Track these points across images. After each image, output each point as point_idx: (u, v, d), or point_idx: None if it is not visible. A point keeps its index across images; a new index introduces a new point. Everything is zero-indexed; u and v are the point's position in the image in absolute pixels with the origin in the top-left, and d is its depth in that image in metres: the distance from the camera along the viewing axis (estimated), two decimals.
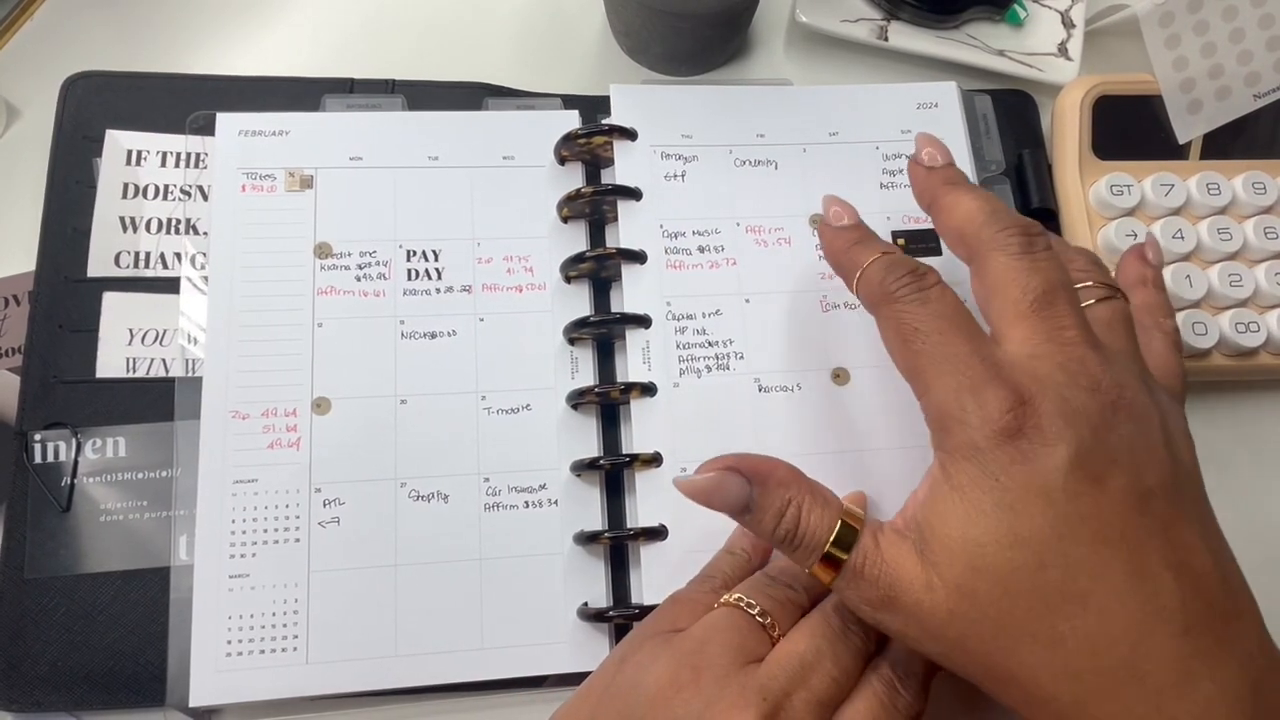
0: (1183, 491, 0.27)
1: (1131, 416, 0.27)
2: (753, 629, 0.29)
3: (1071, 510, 0.26)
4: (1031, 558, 0.26)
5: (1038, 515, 0.26)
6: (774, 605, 0.30)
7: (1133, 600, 0.25)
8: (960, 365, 0.27)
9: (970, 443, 0.26)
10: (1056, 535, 0.26)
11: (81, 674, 0.36)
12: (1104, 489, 0.26)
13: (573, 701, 0.31)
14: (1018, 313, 0.28)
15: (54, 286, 0.40)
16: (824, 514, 0.28)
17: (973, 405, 0.26)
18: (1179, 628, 0.25)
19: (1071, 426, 0.26)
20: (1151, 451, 0.27)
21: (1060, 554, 0.26)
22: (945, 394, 0.27)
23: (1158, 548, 0.26)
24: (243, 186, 0.40)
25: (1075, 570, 0.25)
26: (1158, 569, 0.26)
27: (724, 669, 0.28)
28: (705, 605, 0.31)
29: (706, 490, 0.29)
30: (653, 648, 0.30)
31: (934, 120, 0.44)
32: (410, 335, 0.39)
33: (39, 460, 0.38)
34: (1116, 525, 0.26)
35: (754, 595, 0.30)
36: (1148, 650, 0.25)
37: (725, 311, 0.39)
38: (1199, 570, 0.26)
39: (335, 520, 0.37)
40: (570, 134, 0.41)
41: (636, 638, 0.31)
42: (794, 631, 0.29)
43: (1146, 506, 0.26)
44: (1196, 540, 0.27)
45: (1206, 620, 0.26)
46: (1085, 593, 0.25)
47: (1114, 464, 0.26)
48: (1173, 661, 0.25)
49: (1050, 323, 0.28)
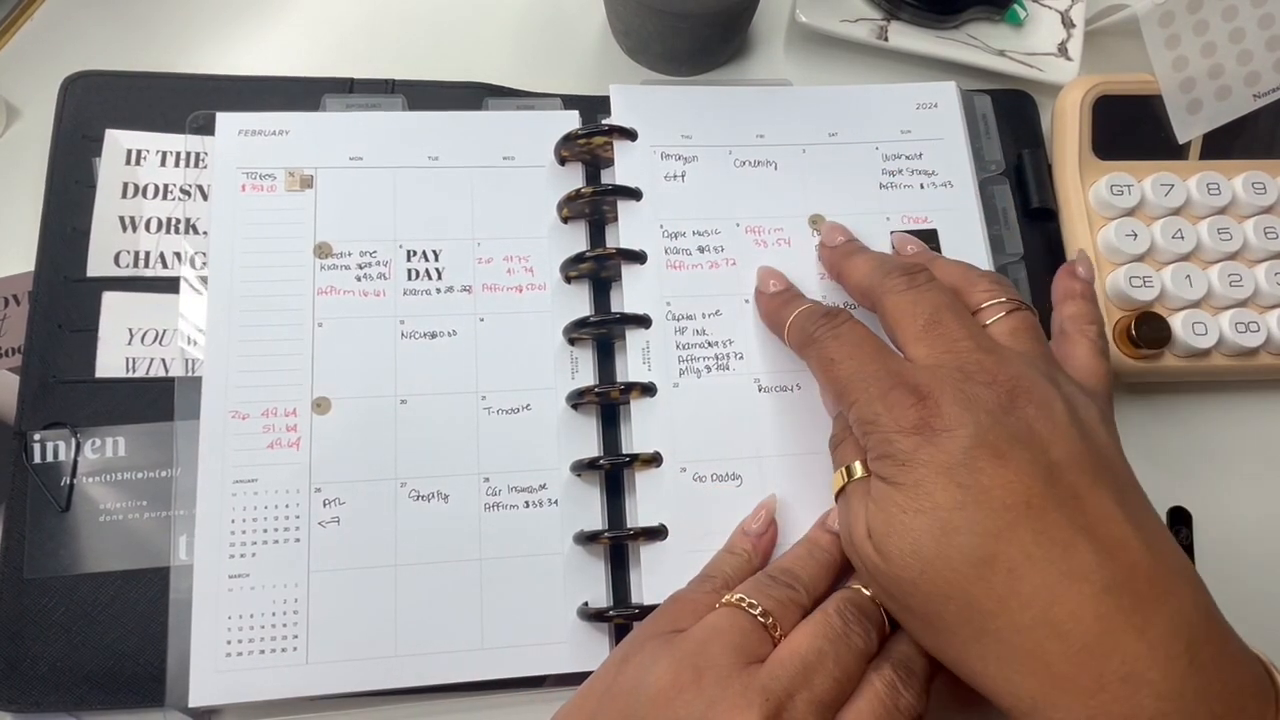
0: (1096, 466, 0.29)
1: (1031, 400, 0.29)
2: (754, 629, 0.30)
3: (974, 483, 0.27)
4: (935, 524, 0.28)
5: (942, 488, 0.28)
6: (775, 605, 0.30)
7: (1042, 560, 0.27)
8: (871, 380, 0.31)
9: (885, 440, 0.29)
10: (959, 504, 0.27)
11: (81, 674, 0.36)
12: (1006, 463, 0.28)
13: (574, 701, 0.31)
14: (914, 337, 0.32)
15: (53, 286, 0.40)
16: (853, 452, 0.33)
17: (883, 409, 0.30)
18: (1098, 587, 0.26)
19: (969, 411, 0.29)
20: (1055, 430, 0.29)
21: (966, 520, 0.27)
22: (862, 406, 0.31)
23: (1067, 514, 0.27)
24: (243, 186, 0.40)
25: (981, 535, 0.27)
26: (1067, 533, 0.27)
27: (726, 669, 0.28)
28: (706, 605, 0.31)
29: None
30: (654, 648, 0.30)
31: (934, 120, 0.44)
32: (410, 335, 0.39)
33: (38, 460, 0.38)
34: (1020, 493, 0.27)
35: (755, 595, 0.31)
36: (1065, 609, 0.26)
37: (725, 312, 0.39)
38: (1117, 535, 0.27)
39: (335, 520, 0.37)
40: (570, 134, 0.41)
41: (637, 638, 0.31)
42: (796, 632, 0.30)
43: (1053, 477, 0.28)
44: (1112, 508, 0.28)
45: (1128, 582, 0.26)
46: (993, 555, 0.27)
47: (1015, 441, 0.28)
48: (1093, 619, 0.26)
49: (944, 338, 0.31)
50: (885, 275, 0.34)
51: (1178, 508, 0.43)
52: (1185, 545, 0.42)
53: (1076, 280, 0.37)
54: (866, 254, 0.37)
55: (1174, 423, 0.44)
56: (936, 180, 0.43)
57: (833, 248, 0.39)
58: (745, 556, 0.34)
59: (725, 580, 0.33)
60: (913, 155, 0.43)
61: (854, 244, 0.39)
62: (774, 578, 0.32)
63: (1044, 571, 0.26)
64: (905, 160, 0.43)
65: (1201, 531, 0.43)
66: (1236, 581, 0.42)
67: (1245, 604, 0.42)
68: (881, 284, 0.34)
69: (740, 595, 0.31)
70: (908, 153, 0.43)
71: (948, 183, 0.43)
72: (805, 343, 0.35)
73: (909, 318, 0.32)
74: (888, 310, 0.33)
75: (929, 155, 0.43)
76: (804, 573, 0.32)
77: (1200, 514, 0.43)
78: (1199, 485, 0.44)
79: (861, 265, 0.36)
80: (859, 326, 0.33)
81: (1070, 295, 0.37)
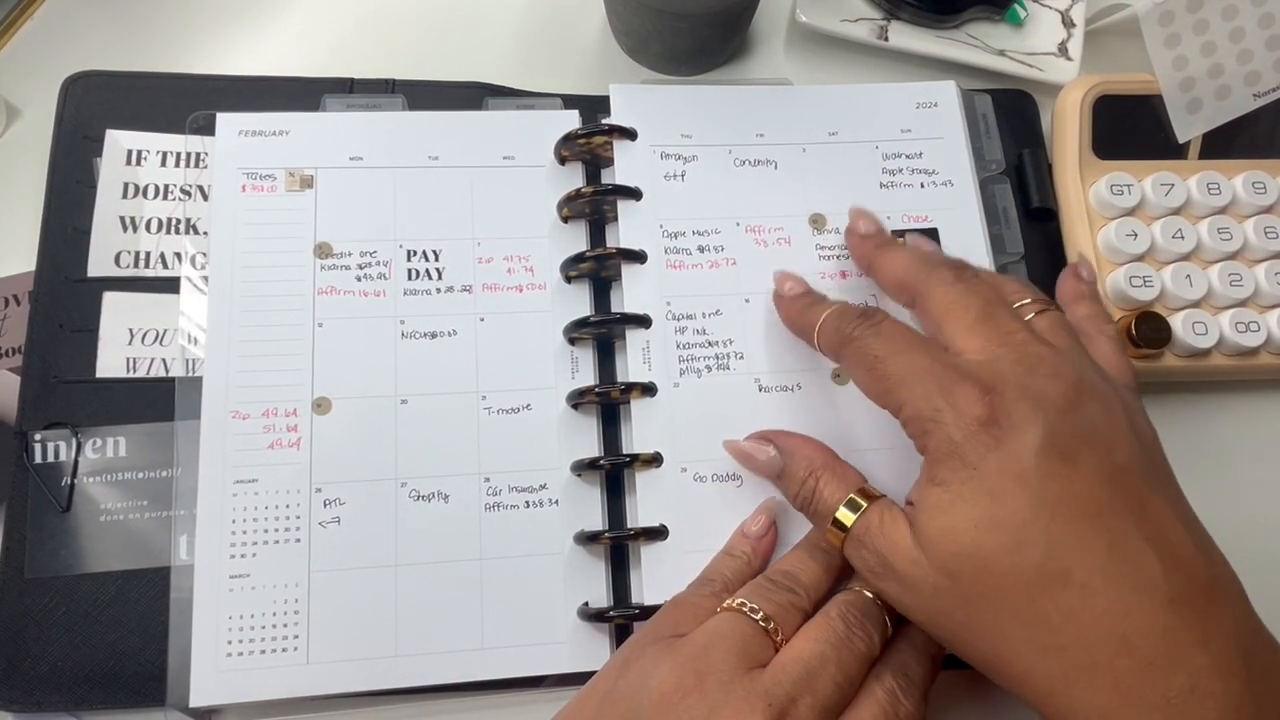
0: (1152, 469, 0.29)
1: (1094, 398, 0.29)
2: (756, 634, 0.30)
3: (1047, 490, 0.27)
4: (1009, 539, 0.27)
5: (1015, 498, 0.27)
6: (776, 610, 0.30)
7: (1115, 574, 0.26)
8: (925, 375, 0.29)
9: (948, 439, 0.28)
10: (1034, 515, 0.27)
11: (82, 674, 0.36)
12: (1077, 468, 0.27)
13: (574, 704, 0.31)
14: (967, 329, 0.31)
15: (54, 286, 0.40)
16: (838, 488, 0.32)
17: (944, 404, 0.29)
18: (1164, 600, 0.26)
19: (1039, 409, 0.28)
20: (1117, 431, 0.28)
21: (1039, 533, 0.27)
22: (917, 403, 0.29)
23: (1135, 523, 0.27)
24: (243, 186, 0.40)
25: (1055, 548, 0.26)
26: (1137, 543, 0.26)
27: (728, 674, 0.28)
28: (707, 610, 0.31)
29: (745, 453, 0.36)
30: (655, 652, 0.30)
31: (934, 119, 0.44)
32: (411, 335, 0.39)
33: (39, 460, 0.38)
34: (1092, 502, 0.27)
35: (756, 599, 0.31)
36: (1135, 623, 0.26)
37: (725, 311, 0.39)
38: (1177, 544, 0.27)
39: (336, 520, 0.37)
40: (570, 134, 0.41)
41: (638, 642, 0.31)
42: (798, 637, 0.30)
43: (1120, 483, 0.27)
44: (1171, 516, 0.28)
45: (1189, 593, 0.26)
46: (1067, 570, 0.26)
47: (1084, 443, 0.27)
48: (1161, 634, 0.26)
49: (998, 330, 0.30)
50: (932, 268, 0.33)
51: None
52: None
53: (1083, 283, 0.37)
54: (905, 248, 0.37)
55: (1174, 423, 0.44)
56: (937, 179, 0.43)
57: (864, 237, 0.38)
58: (744, 559, 0.34)
59: (725, 583, 0.33)
60: (913, 154, 0.43)
61: (886, 235, 0.38)
62: (775, 581, 0.32)
63: (1117, 586, 0.26)
64: (905, 159, 0.43)
65: None
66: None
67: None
68: (929, 276, 0.33)
69: (741, 600, 0.31)
70: (908, 152, 0.43)
71: (948, 182, 0.43)
72: (842, 342, 0.33)
73: (960, 308, 0.31)
74: (935, 300, 0.32)
75: (929, 154, 0.43)
76: (805, 575, 0.32)
77: (1200, 514, 0.42)
78: (1199, 485, 0.43)
79: (900, 258, 0.35)
80: (900, 323, 0.32)
81: (1080, 296, 0.37)
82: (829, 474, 0.33)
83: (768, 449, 0.35)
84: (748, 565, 0.34)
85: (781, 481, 0.35)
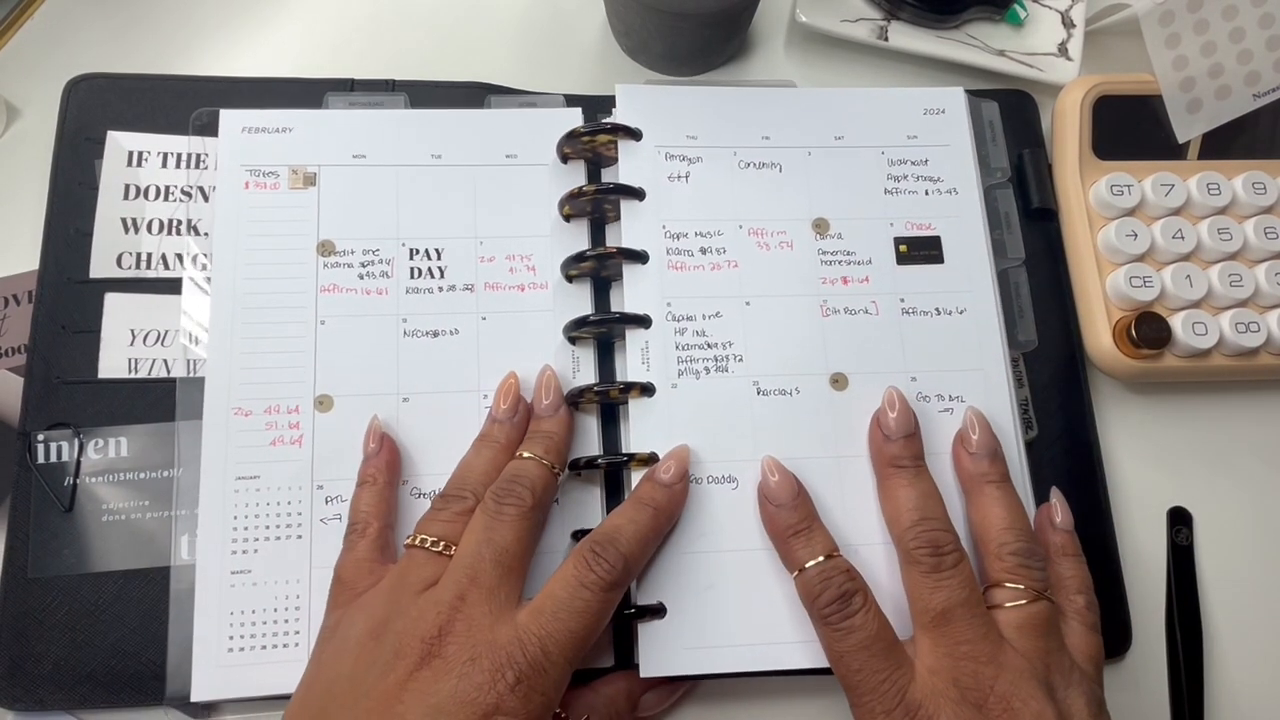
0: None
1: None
2: (428, 560, 0.32)
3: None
4: None
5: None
6: (445, 528, 0.33)
7: None
8: (875, 692, 0.31)
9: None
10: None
11: (84, 673, 0.36)
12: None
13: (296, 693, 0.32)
14: (921, 625, 0.33)
15: (56, 287, 0.40)
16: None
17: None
18: None
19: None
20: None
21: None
22: (863, 713, 0.32)
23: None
24: (246, 183, 0.40)
25: None
26: None
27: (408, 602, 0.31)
28: (368, 559, 0.33)
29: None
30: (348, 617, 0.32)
31: (941, 126, 0.43)
32: (412, 333, 0.39)
33: (42, 460, 0.38)
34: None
35: (428, 528, 0.33)
36: None
37: (725, 313, 0.39)
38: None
39: (337, 517, 0.37)
40: (574, 131, 0.41)
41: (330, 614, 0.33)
42: (463, 536, 0.32)
43: None
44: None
45: None
46: None
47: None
48: None
49: (949, 639, 0.32)
50: (915, 537, 0.34)
51: (1178, 508, 0.43)
52: (1185, 545, 0.42)
53: (1057, 532, 0.37)
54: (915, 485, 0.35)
55: (1174, 423, 0.45)
56: (942, 187, 0.42)
57: (887, 437, 0.36)
58: (372, 480, 0.36)
59: (365, 521, 0.34)
60: (918, 161, 0.43)
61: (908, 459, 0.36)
62: (446, 497, 0.34)
63: None
64: (911, 166, 0.43)
65: (1201, 531, 0.43)
66: (1236, 582, 0.42)
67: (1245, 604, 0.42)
68: (909, 547, 0.34)
69: (421, 536, 0.33)
70: (914, 158, 0.43)
71: (953, 190, 0.42)
72: (814, 613, 0.34)
73: (921, 604, 0.33)
74: (907, 576, 0.34)
75: (935, 161, 0.43)
76: (472, 475, 0.34)
77: (1200, 514, 0.43)
78: (1199, 485, 0.44)
79: (904, 499, 0.35)
80: (872, 621, 0.33)
81: (1055, 552, 0.36)
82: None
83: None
84: (385, 487, 0.36)
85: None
